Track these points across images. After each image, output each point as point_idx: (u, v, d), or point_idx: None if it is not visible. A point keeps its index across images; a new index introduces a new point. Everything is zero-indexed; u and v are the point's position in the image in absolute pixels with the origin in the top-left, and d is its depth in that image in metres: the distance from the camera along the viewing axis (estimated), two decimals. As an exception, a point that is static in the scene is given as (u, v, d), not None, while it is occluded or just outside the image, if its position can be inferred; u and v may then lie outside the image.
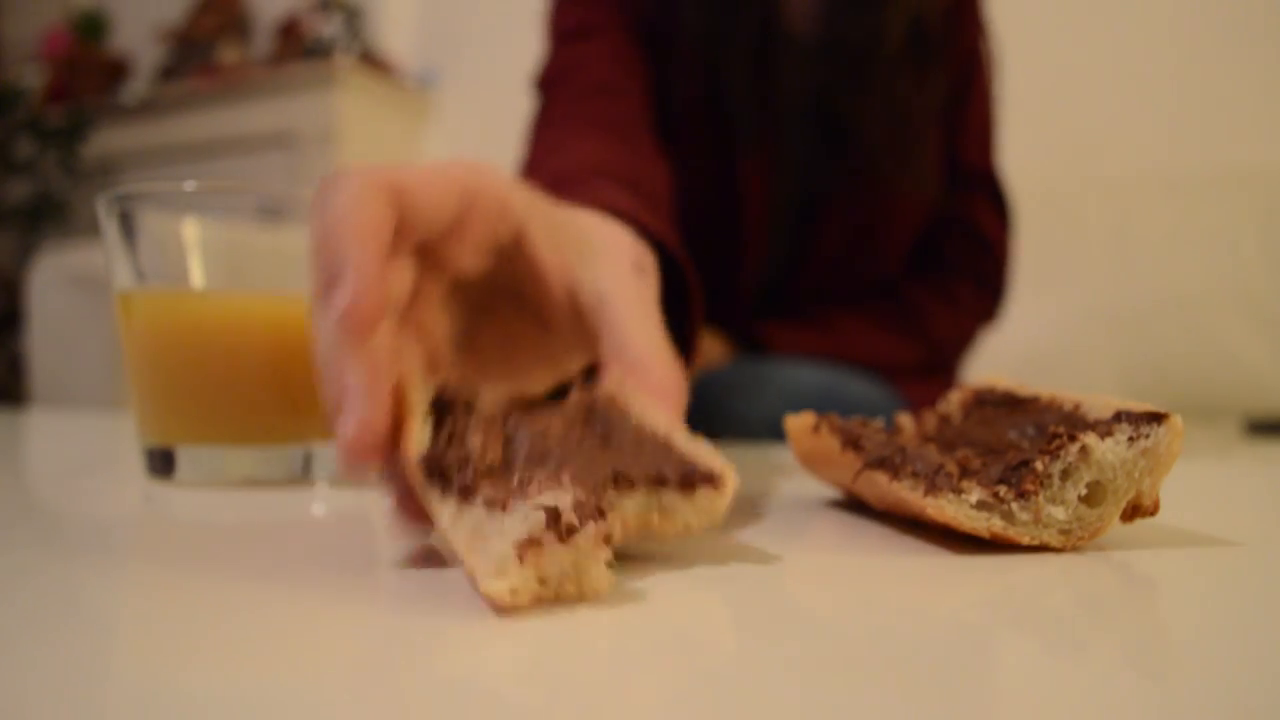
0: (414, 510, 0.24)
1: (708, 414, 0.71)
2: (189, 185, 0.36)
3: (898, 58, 0.78)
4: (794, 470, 0.41)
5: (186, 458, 0.36)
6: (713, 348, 0.83)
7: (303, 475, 0.37)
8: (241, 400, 0.37)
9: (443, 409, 0.25)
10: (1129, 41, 1.51)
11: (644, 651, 0.16)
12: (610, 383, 0.28)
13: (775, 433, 0.70)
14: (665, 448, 0.24)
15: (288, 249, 0.39)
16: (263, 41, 2.29)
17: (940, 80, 0.81)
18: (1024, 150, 1.56)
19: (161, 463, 0.37)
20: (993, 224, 0.89)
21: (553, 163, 0.61)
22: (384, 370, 0.24)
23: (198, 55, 2.24)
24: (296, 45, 2.11)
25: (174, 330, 0.37)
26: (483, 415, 0.25)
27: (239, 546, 0.25)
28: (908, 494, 0.25)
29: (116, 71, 2.42)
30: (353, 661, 0.16)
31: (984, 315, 0.91)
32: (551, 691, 0.14)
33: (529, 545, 0.18)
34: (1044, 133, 1.55)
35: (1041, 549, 0.24)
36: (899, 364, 0.85)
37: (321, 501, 0.33)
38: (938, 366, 0.90)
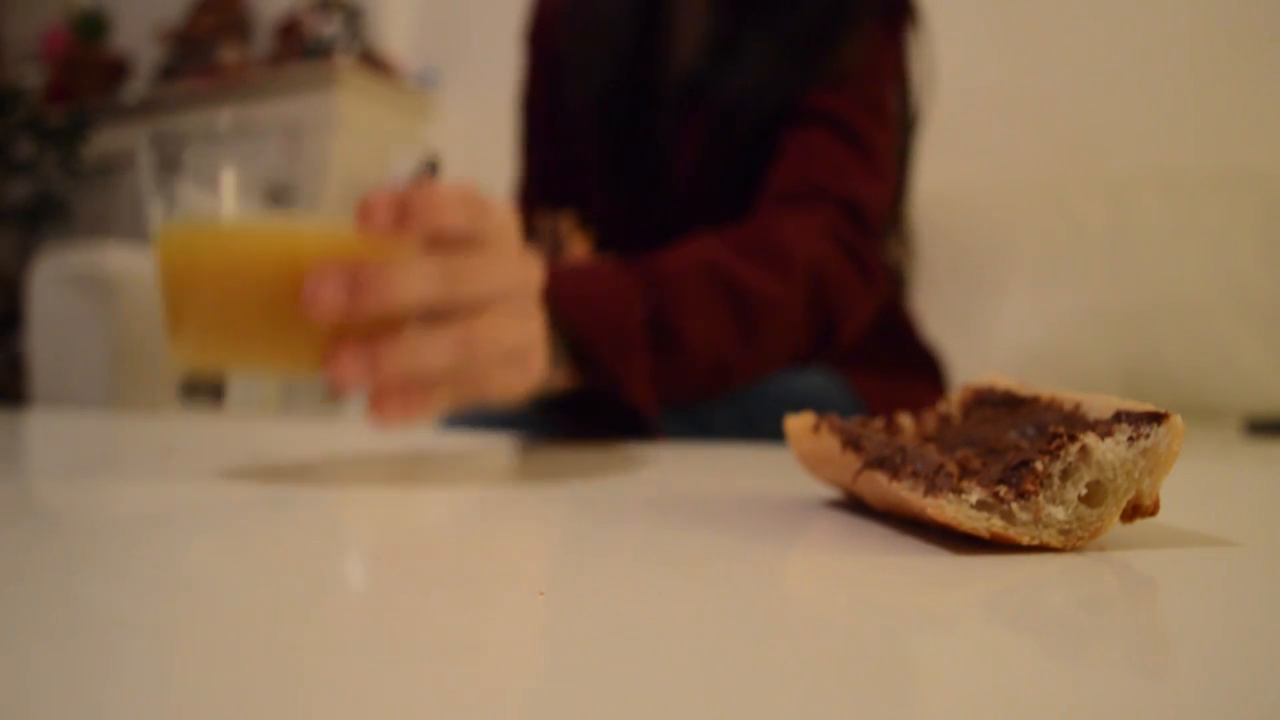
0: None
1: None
2: (225, 119, 0.38)
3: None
4: (794, 470, 0.41)
5: (232, 385, 0.39)
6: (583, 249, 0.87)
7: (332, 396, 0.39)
8: (281, 325, 0.38)
9: None
10: (1128, 41, 1.51)
11: (641, 651, 0.16)
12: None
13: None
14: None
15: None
16: (263, 41, 2.29)
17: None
18: (1024, 150, 1.56)
19: (205, 393, 0.39)
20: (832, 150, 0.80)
21: None
22: None
23: (198, 55, 2.24)
24: (296, 45, 2.11)
25: (215, 258, 0.38)
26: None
27: (240, 546, 0.25)
28: (907, 494, 0.25)
29: (116, 71, 2.42)
30: (354, 660, 0.16)
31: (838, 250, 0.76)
32: (547, 690, 0.14)
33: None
34: (1044, 133, 1.55)
35: (1041, 549, 0.24)
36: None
37: (323, 501, 0.33)
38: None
